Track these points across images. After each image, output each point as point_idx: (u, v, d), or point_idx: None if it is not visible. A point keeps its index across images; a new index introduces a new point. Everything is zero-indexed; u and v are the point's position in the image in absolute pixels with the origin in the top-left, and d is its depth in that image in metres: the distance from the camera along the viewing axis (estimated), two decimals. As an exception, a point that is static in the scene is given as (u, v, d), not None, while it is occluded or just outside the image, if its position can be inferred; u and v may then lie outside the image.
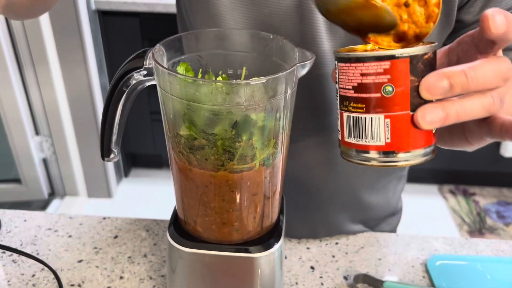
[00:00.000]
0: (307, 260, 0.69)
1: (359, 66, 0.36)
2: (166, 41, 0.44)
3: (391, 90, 0.36)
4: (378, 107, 0.36)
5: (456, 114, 0.35)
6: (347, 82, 0.38)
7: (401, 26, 0.40)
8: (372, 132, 0.37)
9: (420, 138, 0.37)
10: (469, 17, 0.57)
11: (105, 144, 0.47)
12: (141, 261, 0.68)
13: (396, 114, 0.36)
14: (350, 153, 0.40)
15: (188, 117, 0.40)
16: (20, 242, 0.70)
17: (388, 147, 0.37)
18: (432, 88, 0.35)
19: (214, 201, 0.44)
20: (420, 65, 0.36)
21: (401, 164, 0.38)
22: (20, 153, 1.93)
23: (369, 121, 0.37)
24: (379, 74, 0.36)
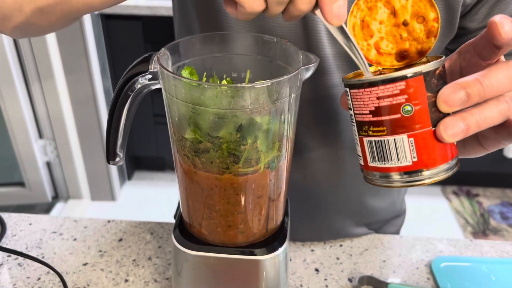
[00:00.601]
0: (311, 262, 0.69)
1: (374, 90, 0.37)
2: (170, 45, 0.44)
3: (410, 109, 0.36)
4: (400, 127, 0.37)
5: (477, 124, 0.36)
6: (363, 108, 0.38)
7: (402, 44, 0.40)
8: (398, 153, 0.38)
9: (444, 152, 0.38)
10: (473, 25, 0.56)
11: (111, 147, 0.47)
12: (145, 264, 0.68)
13: (419, 131, 0.37)
14: (375, 177, 0.40)
15: (193, 120, 0.40)
16: (25, 246, 0.71)
17: (415, 166, 0.38)
18: (450, 100, 0.35)
19: (219, 204, 0.45)
20: (434, 81, 0.36)
21: (427, 182, 0.38)
22: (23, 156, 1.94)
23: (392, 143, 0.37)
24: (396, 96, 0.36)
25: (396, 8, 0.39)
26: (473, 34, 0.58)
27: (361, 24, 0.41)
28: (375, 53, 0.42)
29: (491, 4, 0.54)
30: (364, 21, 0.41)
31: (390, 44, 0.41)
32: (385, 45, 0.41)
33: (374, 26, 0.41)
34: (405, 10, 0.39)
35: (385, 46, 0.41)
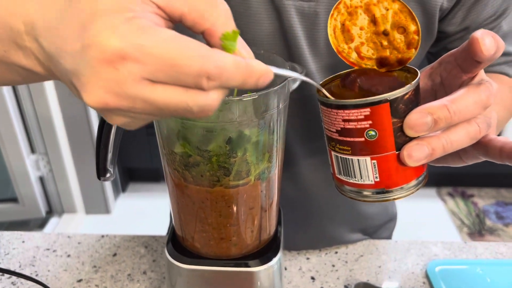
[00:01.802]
0: (307, 271, 0.69)
1: (340, 112, 0.36)
2: (158, 60, 0.44)
3: (374, 134, 0.36)
4: (363, 150, 0.37)
5: (442, 148, 0.36)
6: (331, 125, 0.38)
7: (383, 52, 0.40)
8: (361, 172, 0.38)
9: (409, 173, 0.38)
10: (451, 28, 0.57)
11: (101, 163, 0.47)
12: (140, 278, 0.68)
13: (382, 155, 0.37)
14: (343, 188, 0.41)
15: (182, 134, 0.40)
16: (18, 264, 0.70)
17: (377, 185, 0.38)
18: (416, 126, 0.35)
19: (211, 217, 0.44)
20: (401, 106, 0.36)
21: (394, 198, 0.39)
22: (16, 172, 1.93)
23: (356, 162, 0.38)
24: (360, 120, 0.36)
25: (377, 17, 0.39)
26: (451, 37, 0.58)
27: (342, 27, 0.41)
28: (356, 56, 0.42)
29: (467, 7, 0.55)
30: (344, 25, 0.41)
31: (371, 50, 0.41)
32: (365, 50, 0.41)
33: (354, 31, 0.41)
34: (386, 20, 0.39)
35: (365, 51, 0.41)
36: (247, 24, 0.53)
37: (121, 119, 0.30)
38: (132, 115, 0.29)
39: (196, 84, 0.27)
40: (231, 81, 0.29)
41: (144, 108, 0.28)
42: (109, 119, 0.30)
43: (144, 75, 0.26)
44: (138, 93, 0.27)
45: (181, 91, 0.27)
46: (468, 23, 0.56)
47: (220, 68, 0.27)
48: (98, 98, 0.27)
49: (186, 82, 0.27)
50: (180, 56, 0.26)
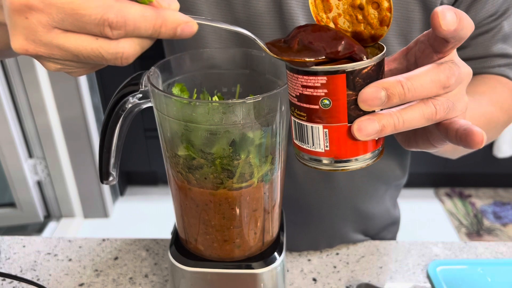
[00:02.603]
0: (309, 272, 0.69)
1: (299, 77, 0.37)
2: (160, 63, 0.44)
3: (328, 103, 0.36)
4: (317, 118, 0.37)
5: (393, 125, 0.35)
6: (291, 90, 0.38)
7: (357, 26, 0.40)
8: (313, 139, 0.38)
9: (359, 147, 0.38)
10: None
11: (104, 167, 0.47)
12: (142, 282, 0.68)
13: (334, 125, 0.37)
14: (300, 154, 0.41)
15: (185, 137, 0.40)
16: (20, 269, 0.70)
17: (328, 154, 0.38)
18: (369, 100, 0.35)
19: (215, 219, 0.45)
20: (358, 79, 0.36)
21: (346, 168, 0.39)
22: (14, 176, 1.92)
23: (310, 129, 0.38)
24: (316, 88, 0.36)
25: None
26: None
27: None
28: (333, 27, 0.41)
29: (466, 5, 0.55)
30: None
31: (347, 23, 0.41)
32: (342, 22, 0.41)
33: (333, 1, 0.41)
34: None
35: (342, 23, 0.41)
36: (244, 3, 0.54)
37: (52, 65, 0.33)
38: (60, 62, 0.32)
39: (101, 33, 0.30)
40: (140, 30, 0.31)
41: (62, 54, 0.31)
42: (44, 66, 0.34)
43: (52, 24, 0.29)
44: (52, 41, 0.30)
45: (91, 39, 0.31)
46: None
47: (122, 17, 0.29)
48: (19, 45, 0.31)
49: (91, 31, 0.30)
50: (81, 6, 0.29)
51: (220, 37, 0.57)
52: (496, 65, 0.60)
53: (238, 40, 0.57)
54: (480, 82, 0.60)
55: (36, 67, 1.74)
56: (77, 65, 0.34)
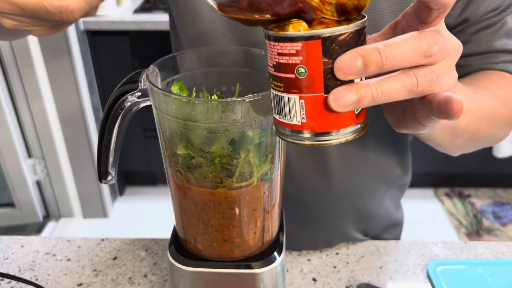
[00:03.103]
0: (308, 272, 0.69)
1: (275, 45, 0.35)
2: (159, 62, 0.44)
3: (303, 72, 0.35)
4: (293, 87, 0.36)
5: (371, 97, 0.33)
6: (269, 59, 0.37)
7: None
8: (290, 111, 0.37)
9: (339, 119, 0.36)
10: (450, 20, 0.57)
11: (102, 166, 0.47)
12: (141, 282, 0.67)
13: (310, 95, 0.35)
14: (279, 128, 0.39)
15: (184, 136, 0.40)
16: (18, 269, 0.70)
17: (303, 127, 0.37)
18: (345, 68, 0.33)
19: (214, 219, 0.44)
20: (334, 47, 0.34)
21: (324, 143, 0.37)
22: (13, 176, 1.91)
23: (286, 100, 0.36)
24: (292, 55, 0.34)
25: None
26: (452, 30, 0.58)
27: None
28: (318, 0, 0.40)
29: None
30: None
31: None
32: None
33: None
34: None
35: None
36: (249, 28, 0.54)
37: (7, 21, 0.37)
38: (12, 17, 0.36)
39: None
40: None
41: (11, 8, 0.35)
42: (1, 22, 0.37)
43: None
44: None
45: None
46: (467, 15, 0.56)
47: None
48: None
49: None
50: None
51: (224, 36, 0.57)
52: (500, 61, 0.59)
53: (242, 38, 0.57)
54: (483, 77, 0.59)
55: (35, 66, 1.73)
56: (30, 21, 0.37)
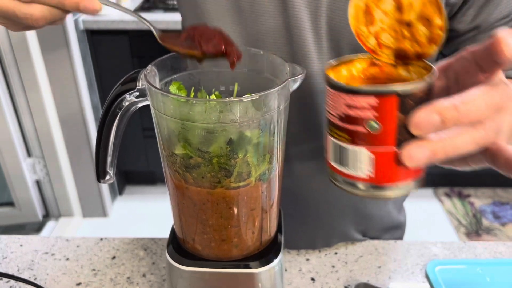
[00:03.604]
0: (307, 272, 0.69)
1: (345, 96, 0.34)
2: (157, 61, 0.44)
3: (375, 126, 0.34)
4: (362, 140, 0.35)
5: (444, 152, 0.33)
6: (333, 109, 0.36)
7: (402, 43, 0.38)
8: (355, 163, 0.36)
9: (406, 172, 0.36)
10: (462, 26, 0.57)
11: (101, 166, 0.47)
12: (140, 281, 0.67)
13: (380, 150, 0.35)
14: (336, 177, 0.38)
15: (182, 136, 0.40)
16: (17, 268, 0.70)
17: (371, 180, 0.36)
18: (422, 125, 0.33)
19: (212, 218, 0.44)
20: (410, 102, 0.33)
21: (386, 196, 0.36)
22: (12, 175, 1.91)
23: (352, 152, 0.36)
24: (364, 109, 0.34)
25: (403, 3, 0.37)
26: (462, 36, 0.58)
27: (365, 8, 0.39)
28: (374, 42, 0.40)
29: (479, 5, 0.54)
30: (368, 6, 0.39)
31: (391, 38, 0.39)
32: (385, 37, 0.39)
33: (377, 15, 0.39)
34: (412, 9, 0.37)
35: (385, 38, 0.39)
36: (253, 20, 0.54)
37: None
38: None
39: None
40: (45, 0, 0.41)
41: None
42: None
43: None
44: None
45: None
46: (479, 22, 0.56)
47: None
48: None
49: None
50: None
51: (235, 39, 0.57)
52: (510, 68, 0.59)
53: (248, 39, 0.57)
54: None
55: (35, 67, 1.73)
56: (4, 20, 0.43)
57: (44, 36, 1.73)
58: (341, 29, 0.54)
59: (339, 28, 0.54)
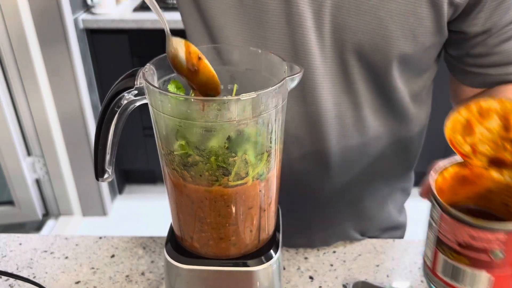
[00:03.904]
0: (305, 270, 0.69)
1: (470, 229, 0.35)
2: (156, 60, 0.44)
3: (501, 256, 0.35)
4: (483, 266, 0.36)
5: None
6: (450, 234, 0.37)
7: (501, 153, 0.40)
8: (473, 283, 0.37)
9: None
10: (473, 29, 0.56)
11: (99, 164, 0.47)
12: (139, 280, 0.67)
13: (503, 274, 0.36)
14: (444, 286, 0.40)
15: (180, 134, 0.40)
16: (16, 266, 0.70)
17: None
18: None
19: (210, 217, 0.44)
20: None
21: None
22: (12, 174, 1.92)
23: (469, 273, 0.37)
24: (490, 241, 0.35)
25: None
26: (472, 40, 0.58)
27: (465, 123, 0.41)
28: (469, 149, 0.41)
29: (491, 9, 0.54)
30: (468, 122, 0.41)
31: (489, 149, 0.41)
32: (483, 147, 0.41)
33: (478, 129, 0.41)
34: None
35: (483, 148, 0.41)
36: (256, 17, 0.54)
37: None
38: None
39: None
40: None
41: None
42: None
43: None
44: None
45: None
46: (490, 26, 0.56)
47: None
48: None
49: None
50: None
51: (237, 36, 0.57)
52: None
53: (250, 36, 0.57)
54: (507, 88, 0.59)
55: (34, 65, 1.73)
56: None
57: (44, 34, 1.73)
58: (345, 28, 0.54)
59: (342, 27, 0.54)
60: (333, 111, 0.60)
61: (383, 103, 0.62)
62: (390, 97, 0.61)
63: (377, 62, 0.56)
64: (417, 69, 0.61)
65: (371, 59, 0.56)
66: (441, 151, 2.09)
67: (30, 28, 1.69)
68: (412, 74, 0.61)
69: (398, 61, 0.56)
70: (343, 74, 0.58)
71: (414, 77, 0.62)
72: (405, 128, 0.66)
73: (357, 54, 0.56)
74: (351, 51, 0.56)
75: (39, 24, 1.70)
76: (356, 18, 0.53)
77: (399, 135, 0.67)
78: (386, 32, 0.54)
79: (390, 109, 0.63)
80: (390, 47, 0.55)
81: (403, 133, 0.67)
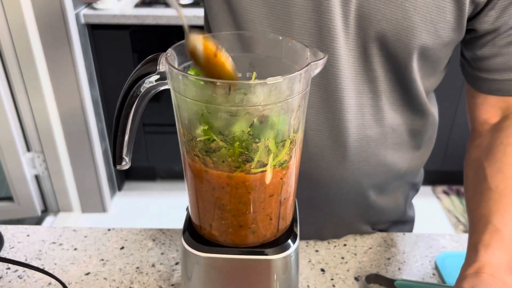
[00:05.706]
0: (316, 263, 0.69)
1: None
2: (177, 46, 0.44)
3: None
4: None
5: None
6: None
7: None
8: None
9: None
10: (483, 26, 0.57)
11: (117, 151, 0.47)
12: (149, 271, 0.67)
13: None
14: None
15: (204, 119, 0.40)
16: (24, 257, 0.69)
17: None
18: None
19: (231, 204, 0.44)
20: None
21: None
22: (11, 170, 1.90)
23: None
24: None
25: None
26: (481, 39, 0.58)
27: None
28: None
29: (502, 7, 0.55)
30: None
31: None
32: None
33: None
34: None
35: None
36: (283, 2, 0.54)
37: None
38: None
39: None
40: None
41: None
42: None
43: None
44: None
45: None
46: (500, 24, 0.56)
47: None
48: None
49: None
50: None
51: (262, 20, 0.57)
52: None
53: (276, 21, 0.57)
54: None
55: (35, 60, 1.72)
56: None
57: (45, 30, 1.71)
58: (370, 16, 0.54)
59: (367, 15, 0.54)
60: (353, 99, 0.60)
61: (400, 95, 0.62)
62: (408, 89, 0.61)
63: (398, 53, 0.56)
64: (432, 66, 0.62)
65: (393, 49, 0.56)
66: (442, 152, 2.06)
67: (31, 23, 1.67)
68: (427, 71, 0.62)
69: (418, 53, 0.57)
70: (365, 62, 0.58)
71: (428, 74, 0.63)
72: (420, 122, 0.67)
73: (379, 43, 0.56)
74: (374, 40, 0.56)
75: (40, 19, 1.69)
76: (382, 7, 0.54)
77: (414, 129, 0.67)
78: (409, 23, 0.54)
79: (407, 102, 0.63)
80: (412, 38, 0.55)
81: (418, 128, 0.67)
